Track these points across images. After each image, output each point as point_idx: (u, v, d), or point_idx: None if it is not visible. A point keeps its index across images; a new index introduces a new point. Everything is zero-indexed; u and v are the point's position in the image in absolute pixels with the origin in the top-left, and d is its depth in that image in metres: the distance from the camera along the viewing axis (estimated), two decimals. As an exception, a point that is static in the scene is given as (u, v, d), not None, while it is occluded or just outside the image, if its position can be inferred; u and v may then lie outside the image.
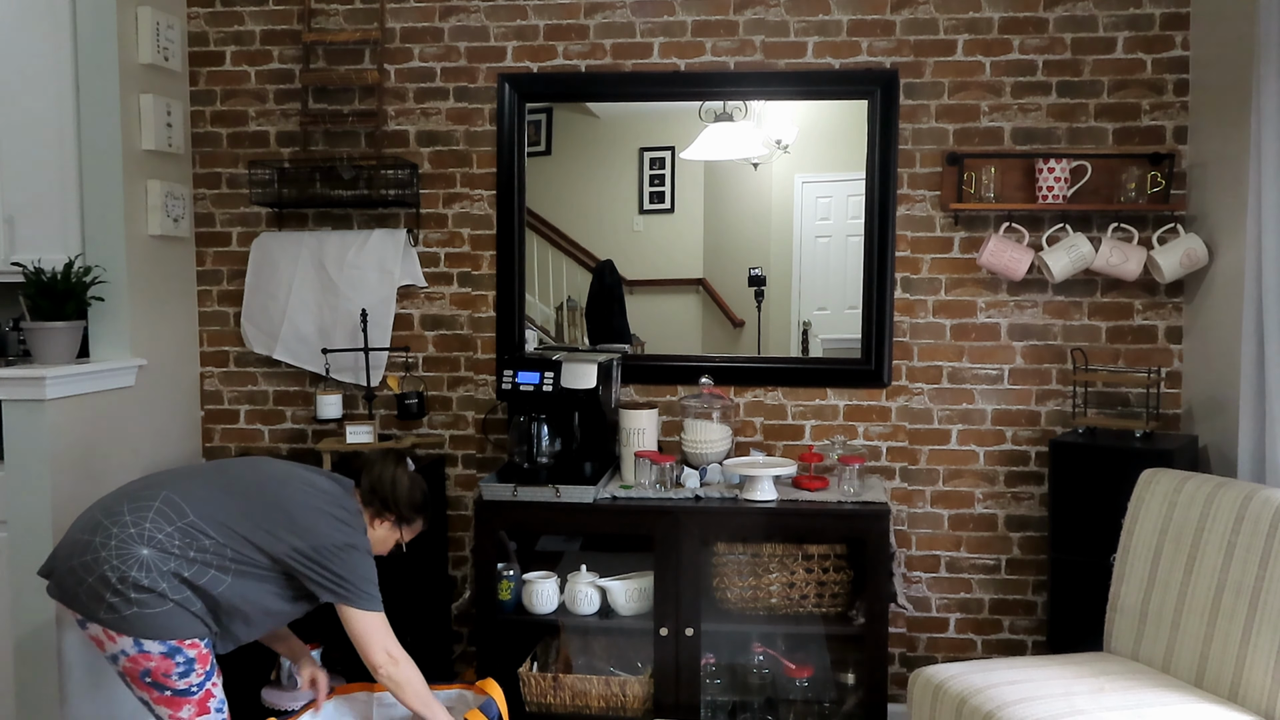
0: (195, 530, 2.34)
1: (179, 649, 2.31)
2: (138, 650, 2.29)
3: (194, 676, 2.34)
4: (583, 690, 3.17)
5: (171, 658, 2.30)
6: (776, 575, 3.13)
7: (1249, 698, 2.41)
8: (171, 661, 2.31)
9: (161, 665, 2.30)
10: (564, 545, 3.48)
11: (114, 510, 2.36)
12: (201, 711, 2.38)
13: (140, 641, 2.28)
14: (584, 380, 3.14)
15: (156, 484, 2.44)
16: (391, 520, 2.62)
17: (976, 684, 2.53)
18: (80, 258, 3.25)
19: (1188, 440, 3.14)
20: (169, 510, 2.35)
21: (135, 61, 3.35)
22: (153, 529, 2.31)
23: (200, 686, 2.36)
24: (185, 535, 2.33)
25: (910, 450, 3.49)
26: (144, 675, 2.32)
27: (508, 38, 3.54)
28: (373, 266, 3.56)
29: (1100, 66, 3.35)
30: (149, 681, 2.33)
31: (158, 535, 2.31)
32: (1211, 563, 2.58)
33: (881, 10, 3.41)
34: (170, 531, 2.32)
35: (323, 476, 2.58)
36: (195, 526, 2.34)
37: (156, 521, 2.32)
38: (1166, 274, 3.21)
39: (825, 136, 3.50)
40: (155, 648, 2.29)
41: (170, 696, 2.34)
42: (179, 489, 2.40)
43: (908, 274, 3.46)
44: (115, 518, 2.33)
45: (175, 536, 2.32)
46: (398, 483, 2.61)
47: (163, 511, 2.34)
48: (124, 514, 2.34)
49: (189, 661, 2.33)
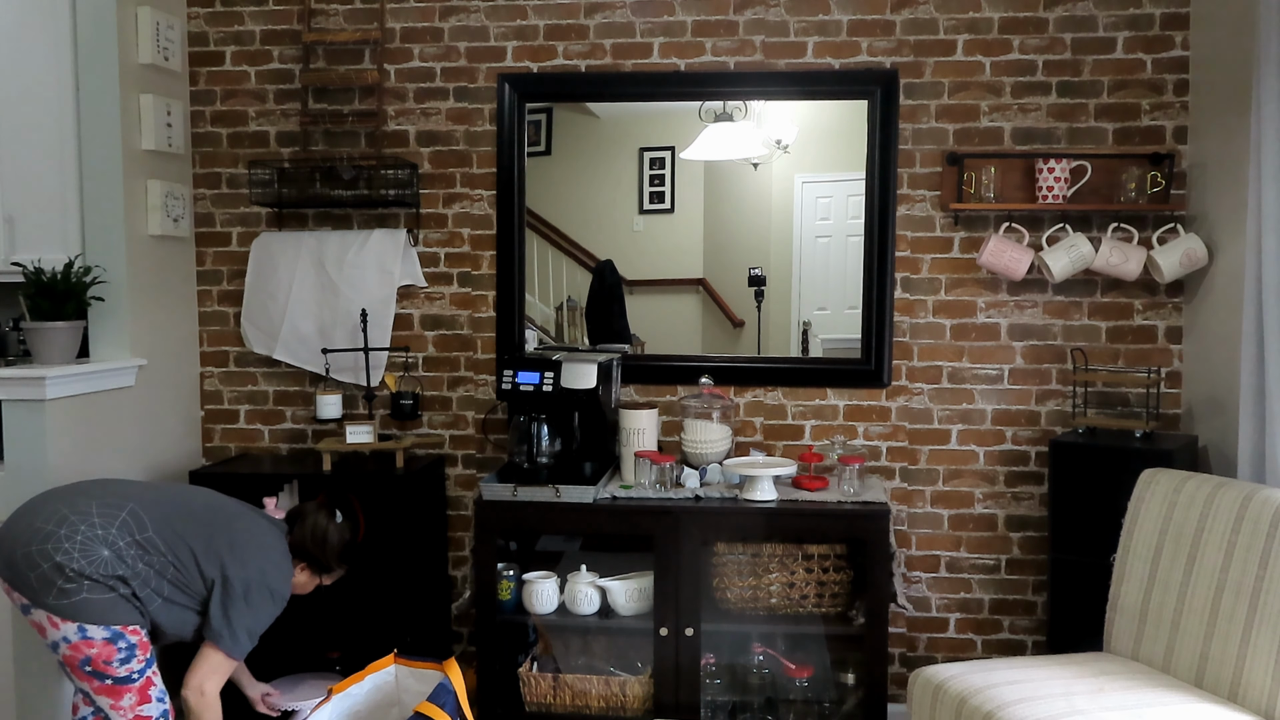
0: (151, 545, 2.46)
1: (121, 634, 2.40)
2: (80, 637, 2.37)
3: (134, 663, 2.42)
4: (583, 690, 3.17)
5: (114, 643, 2.39)
6: (776, 575, 3.13)
7: (1249, 698, 2.41)
8: (114, 647, 2.39)
9: (103, 652, 2.38)
10: (564, 545, 3.48)
11: (81, 509, 2.45)
12: (143, 700, 2.44)
13: (84, 627, 2.37)
14: (584, 380, 3.14)
15: (123, 494, 2.55)
16: (314, 569, 2.77)
17: (976, 684, 2.53)
18: (80, 258, 3.25)
19: (1188, 440, 3.14)
20: (133, 522, 2.47)
21: (135, 61, 3.35)
22: (117, 535, 2.43)
23: (140, 674, 2.43)
24: (140, 548, 2.45)
25: (910, 450, 3.49)
26: (84, 664, 2.39)
27: (508, 38, 3.54)
28: (373, 266, 3.56)
29: (1100, 66, 3.35)
30: (89, 670, 2.39)
31: (119, 542, 2.43)
32: (1211, 563, 2.58)
33: (881, 10, 3.41)
34: (129, 542, 2.45)
35: (264, 518, 2.72)
36: (150, 542, 2.47)
37: (121, 531, 2.45)
38: (1166, 274, 3.21)
39: (825, 136, 3.50)
40: (98, 633, 2.37)
41: (111, 685, 2.41)
42: (146, 505, 2.52)
43: (908, 274, 3.46)
44: (84, 516, 2.43)
45: (132, 548, 2.45)
46: (328, 538, 2.74)
47: (127, 523, 2.46)
48: (92, 514, 2.44)
49: (130, 647, 2.41)
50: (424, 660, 2.75)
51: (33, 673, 2.96)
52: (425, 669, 2.73)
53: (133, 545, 2.45)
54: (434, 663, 2.71)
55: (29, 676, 2.95)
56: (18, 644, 2.94)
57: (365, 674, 2.72)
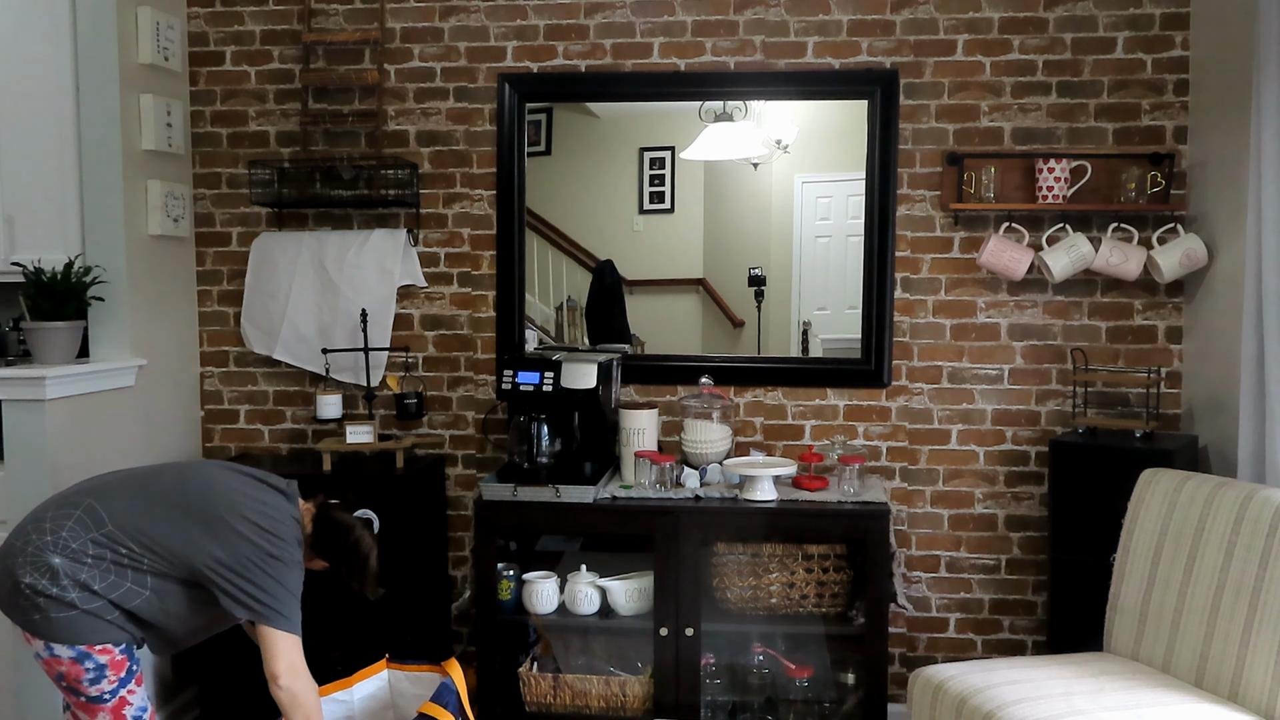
0: (112, 540, 2.29)
1: (88, 654, 2.27)
2: (49, 654, 2.27)
3: (105, 684, 2.30)
4: (583, 690, 3.17)
5: (80, 663, 2.27)
6: (776, 575, 3.13)
7: (1249, 698, 2.41)
8: (81, 667, 2.27)
9: (71, 670, 2.27)
10: (564, 545, 3.48)
11: (40, 516, 2.32)
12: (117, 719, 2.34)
13: (50, 646, 2.26)
14: (584, 380, 3.14)
15: (85, 491, 2.38)
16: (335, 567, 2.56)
17: (976, 684, 2.53)
18: (80, 258, 3.25)
19: (1188, 440, 3.14)
20: (88, 519, 2.30)
21: (135, 61, 3.35)
22: (69, 537, 2.27)
23: (113, 694, 2.31)
24: (100, 545, 2.28)
25: (910, 450, 3.49)
26: (60, 679, 2.31)
27: (508, 38, 3.54)
28: (373, 266, 3.56)
29: (1100, 66, 3.35)
30: (65, 685, 2.32)
31: (72, 545, 2.26)
32: (1211, 562, 2.58)
33: (881, 10, 3.41)
34: (85, 541, 2.27)
35: (258, 484, 2.48)
36: (112, 537, 2.29)
37: (74, 530, 2.27)
38: (1166, 274, 3.21)
39: (825, 136, 3.50)
40: (64, 652, 2.26)
41: (84, 703, 2.32)
42: (103, 498, 2.34)
43: (908, 274, 3.46)
44: (39, 524, 2.30)
45: (89, 546, 2.27)
46: (369, 559, 2.54)
47: (82, 520, 2.29)
48: (46, 521, 2.30)
49: (99, 668, 2.28)
50: (419, 663, 2.71)
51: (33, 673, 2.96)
52: (421, 671, 2.69)
53: (89, 545, 2.27)
54: (431, 665, 2.69)
55: (29, 677, 2.95)
56: (18, 644, 2.94)
57: (354, 680, 2.67)
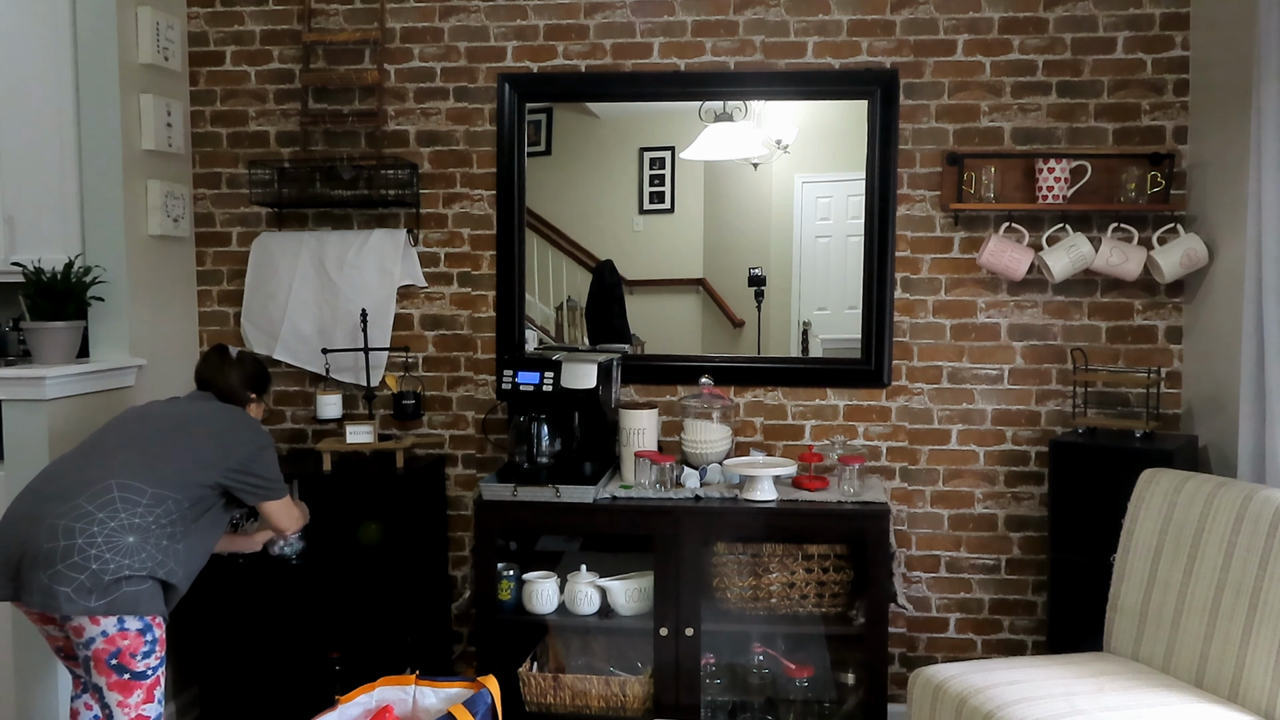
0: (160, 499, 2.47)
1: (151, 626, 2.42)
2: (118, 629, 2.37)
3: (153, 659, 2.44)
4: (583, 690, 3.17)
5: (144, 635, 2.41)
6: (776, 575, 3.13)
7: (1249, 698, 2.41)
8: (143, 639, 2.41)
9: (133, 644, 2.39)
10: (564, 545, 3.48)
11: (79, 510, 2.39)
12: (148, 699, 2.45)
13: (123, 619, 2.38)
14: (584, 380, 3.14)
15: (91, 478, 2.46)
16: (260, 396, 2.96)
17: (976, 684, 2.53)
18: (80, 258, 3.25)
19: (1188, 440, 3.14)
20: (129, 495, 2.44)
21: (135, 61, 3.35)
22: (128, 516, 2.41)
23: (155, 670, 2.46)
24: (151, 511, 2.45)
25: (910, 450, 3.49)
26: (112, 657, 2.39)
27: (508, 38, 3.54)
28: (373, 266, 3.56)
29: (1100, 66, 3.35)
30: (114, 664, 2.39)
31: (134, 520, 2.41)
32: (1211, 562, 2.58)
33: (881, 10, 3.41)
34: (142, 511, 2.43)
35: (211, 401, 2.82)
36: (157, 497, 2.47)
37: (129, 509, 2.42)
38: (1166, 274, 3.21)
39: (825, 136, 3.50)
40: (134, 624, 2.39)
41: (127, 680, 2.42)
42: (121, 471, 2.47)
43: (908, 274, 3.46)
44: (86, 516, 2.38)
45: (149, 515, 2.44)
46: (258, 364, 2.96)
47: (126, 498, 2.43)
48: (92, 511, 2.39)
49: (154, 641, 2.44)
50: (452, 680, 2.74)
51: (33, 673, 2.96)
52: (452, 687, 2.70)
53: (148, 513, 2.44)
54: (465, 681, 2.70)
55: (29, 677, 2.95)
56: (18, 644, 2.95)
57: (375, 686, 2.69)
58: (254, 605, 3.30)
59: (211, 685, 3.37)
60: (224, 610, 3.30)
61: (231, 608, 3.30)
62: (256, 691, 3.32)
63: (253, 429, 2.77)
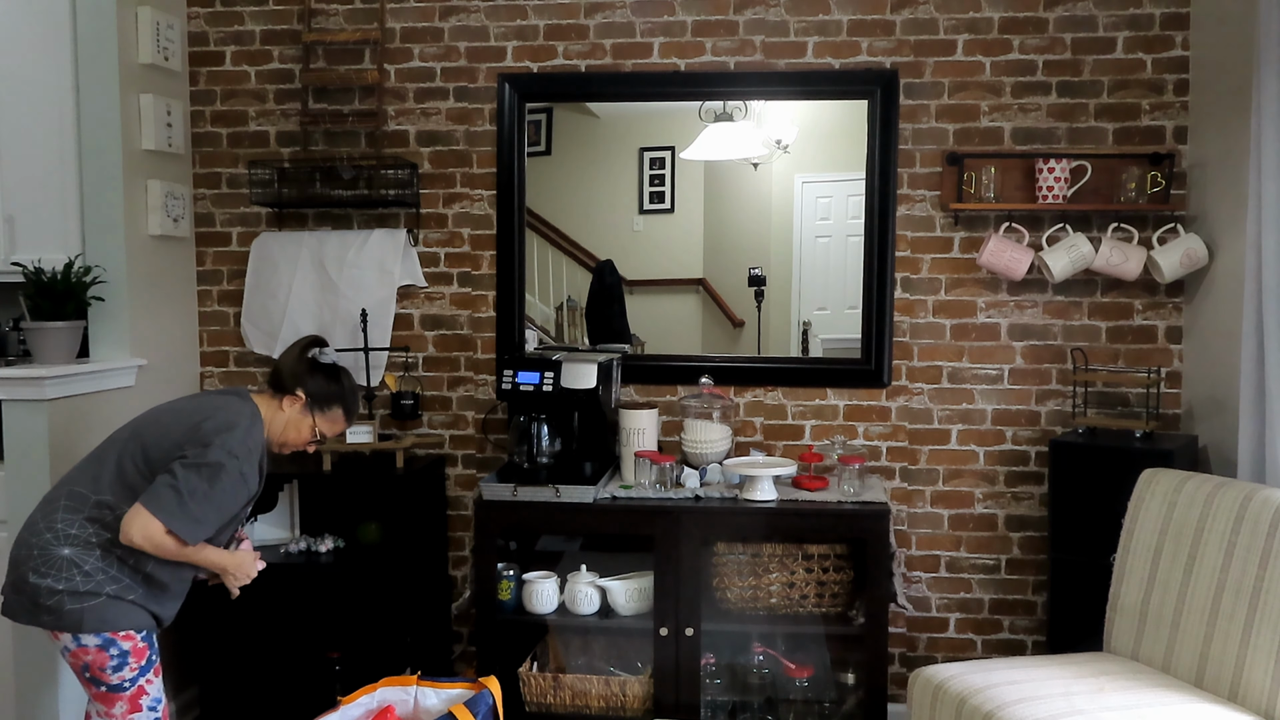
0: (103, 508, 2.34)
1: (113, 640, 2.34)
2: (76, 645, 2.33)
3: (126, 671, 2.37)
4: (583, 690, 3.17)
5: (106, 650, 2.34)
6: (776, 575, 3.13)
7: (1249, 698, 2.41)
8: (106, 654, 2.34)
9: (96, 659, 2.34)
10: (564, 545, 3.48)
11: (32, 522, 2.37)
12: (133, 709, 2.40)
13: (78, 636, 2.32)
14: (584, 380, 3.14)
15: (61, 483, 2.43)
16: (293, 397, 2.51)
17: (976, 684, 2.53)
18: (80, 258, 3.25)
19: (1188, 440, 3.14)
20: (73, 503, 2.35)
21: (135, 61, 3.35)
22: (64, 527, 2.33)
23: (133, 682, 2.38)
24: (95, 522, 2.33)
25: (910, 450, 3.49)
26: (84, 670, 2.37)
27: (508, 38, 3.54)
28: (373, 266, 3.56)
29: (1100, 66, 3.35)
30: (88, 677, 2.37)
31: (70, 531, 2.32)
32: (1211, 563, 2.58)
33: (881, 10, 3.41)
34: (82, 522, 2.33)
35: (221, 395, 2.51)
36: (102, 504, 2.34)
37: (66, 519, 2.33)
38: (1166, 274, 3.21)
39: (825, 136, 3.50)
40: (90, 640, 2.33)
41: (105, 693, 2.38)
42: (75, 479, 2.39)
43: (908, 274, 3.46)
44: (32, 528, 2.35)
45: (88, 526, 2.33)
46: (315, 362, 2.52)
47: (69, 506, 2.35)
48: (38, 521, 2.36)
49: (122, 655, 2.35)
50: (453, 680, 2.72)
51: (33, 674, 2.96)
52: (454, 688, 2.69)
53: (87, 524, 2.32)
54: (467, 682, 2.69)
55: (29, 677, 2.95)
56: (18, 645, 2.94)
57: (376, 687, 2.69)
58: (254, 605, 3.29)
59: (211, 685, 3.37)
60: (224, 610, 3.29)
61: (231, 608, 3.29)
62: (257, 692, 3.32)
63: (220, 423, 2.35)
